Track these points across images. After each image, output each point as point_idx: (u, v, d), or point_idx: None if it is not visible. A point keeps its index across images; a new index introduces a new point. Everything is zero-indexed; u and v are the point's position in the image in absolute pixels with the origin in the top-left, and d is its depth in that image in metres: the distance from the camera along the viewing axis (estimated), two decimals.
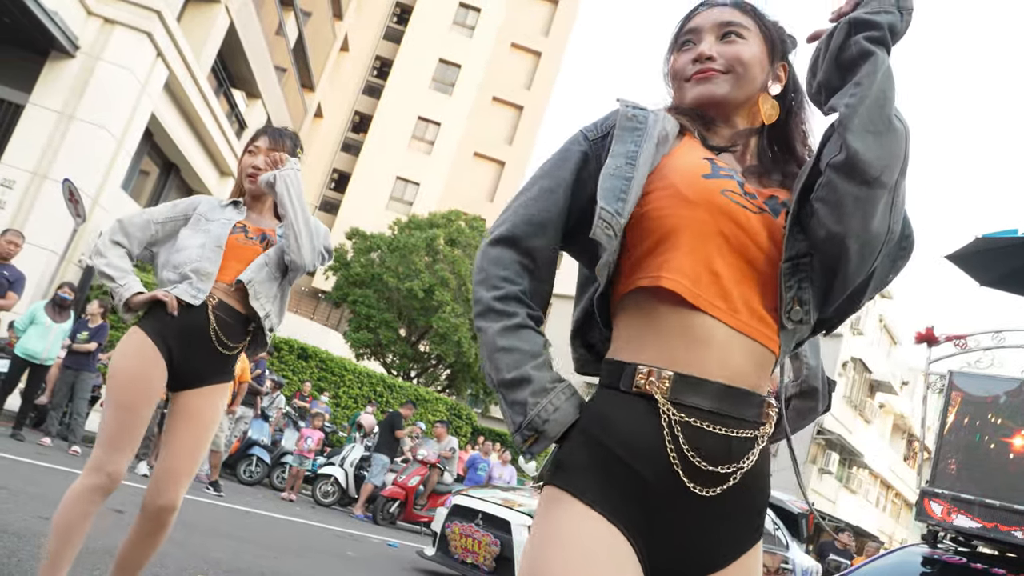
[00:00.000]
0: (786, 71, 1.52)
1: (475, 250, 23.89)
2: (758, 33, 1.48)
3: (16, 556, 3.84)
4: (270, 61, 22.61)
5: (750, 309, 1.31)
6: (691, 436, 1.26)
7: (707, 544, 1.29)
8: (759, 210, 1.34)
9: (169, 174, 19.79)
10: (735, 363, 1.30)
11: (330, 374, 17.98)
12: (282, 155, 2.95)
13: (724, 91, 1.44)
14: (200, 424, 2.85)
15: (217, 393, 2.91)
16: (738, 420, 1.29)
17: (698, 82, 1.45)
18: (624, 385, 1.30)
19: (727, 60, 1.44)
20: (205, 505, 8.32)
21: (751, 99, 1.47)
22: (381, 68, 43.75)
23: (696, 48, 1.47)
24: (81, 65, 14.09)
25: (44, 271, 13.49)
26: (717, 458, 1.27)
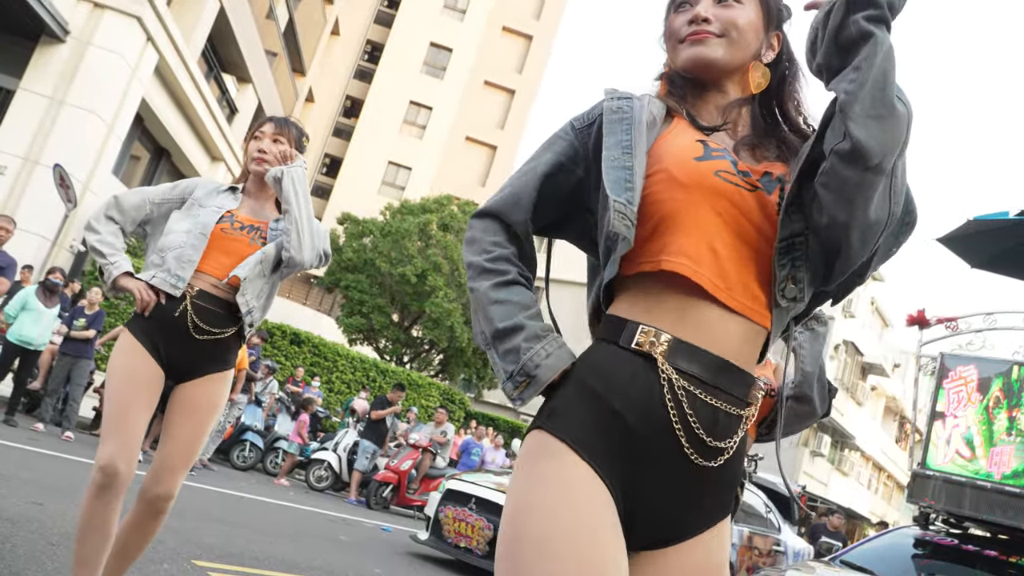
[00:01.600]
0: (780, 40, 1.50)
1: None
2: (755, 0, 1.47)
3: (10, 542, 3.84)
4: (260, 45, 22.47)
5: (745, 288, 1.33)
6: (690, 402, 1.28)
7: (684, 511, 1.31)
8: (752, 188, 1.35)
9: (160, 159, 19.70)
10: (729, 341, 1.32)
11: (323, 359, 17.97)
12: (291, 151, 2.94)
13: (717, 54, 1.43)
14: (197, 414, 2.85)
15: (215, 382, 2.89)
16: (728, 395, 1.31)
17: (691, 43, 1.44)
18: (624, 341, 1.31)
19: (722, 23, 1.43)
20: (198, 490, 8.33)
21: (743, 66, 1.46)
22: (372, 52, 43.55)
23: (692, 9, 1.46)
24: (71, 50, 14.00)
25: (35, 256, 13.42)
26: (712, 430, 1.29)
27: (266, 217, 3.03)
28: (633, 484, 1.27)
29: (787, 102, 1.51)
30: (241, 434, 12.19)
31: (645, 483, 1.28)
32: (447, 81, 40.68)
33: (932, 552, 5.94)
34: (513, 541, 1.24)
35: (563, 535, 1.20)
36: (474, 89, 41.83)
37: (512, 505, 1.27)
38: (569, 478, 1.24)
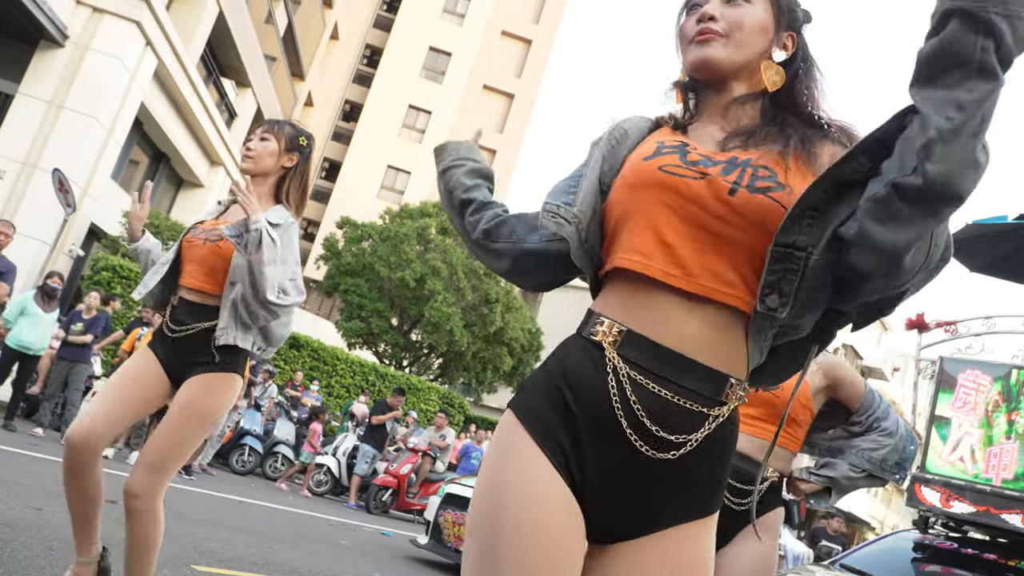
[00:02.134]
0: (794, 41, 1.50)
1: None
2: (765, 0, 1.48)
3: (10, 546, 3.84)
4: (260, 50, 22.48)
5: (709, 271, 1.32)
6: (634, 388, 1.30)
7: (632, 502, 1.31)
8: (700, 176, 1.35)
9: (159, 164, 19.71)
10: (689, 329, 1.32)
11: (322, 363, 17.96)
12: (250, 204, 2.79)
13: (720, 56, 1.44)
14: (173, 414, 2.83)
15: (195, 384, 2.86)
16: (682, 388, 1.30)
17: (698, 44, 1.45)
18: (585, 332, 1.38)
19: (728, 22, 1.44)
20: (197, 495, 8.32)
21: (750, 64, 1.46)
22: (371, 56, 43.56)
23: (701, 9, 1.47)
24: (70, 54, 14.01)
25: (34, 261, 13.43)
26: (662, 420, 1.29)
27: (240, 217, 3.03)
28: (579, 466, 1.31)
29: (798, 101, 1.50)
30: (240, 438, 12.18)
31: (589, 465, 1.31)
32: (446, 85, 40.68)
33: (931, 556, 5.94)
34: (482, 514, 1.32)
35: (503, 504, 1.29)
36: (473, 93, 41.85)
37: (480, 477, 1.37)
38: (522, 454, 1.31)
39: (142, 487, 2.74)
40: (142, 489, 2.74)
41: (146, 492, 2.75)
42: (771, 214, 1.31)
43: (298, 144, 3.09)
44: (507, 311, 23.18)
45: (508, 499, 1.28)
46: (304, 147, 3.12)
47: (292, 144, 3.07)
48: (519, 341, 23.75)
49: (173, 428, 2.80)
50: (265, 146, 3.03)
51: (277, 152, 3.05)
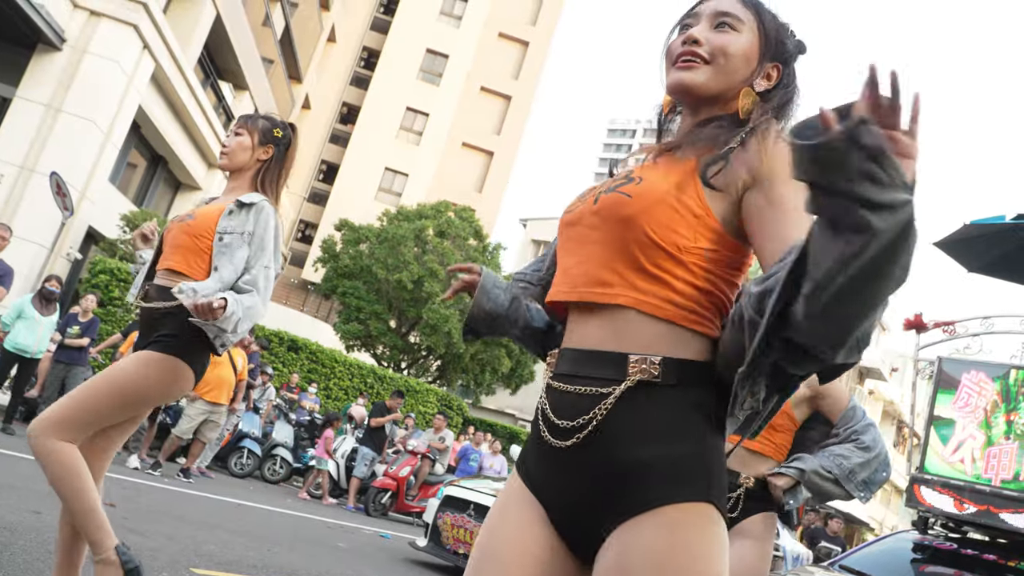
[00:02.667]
0: (779, 72, 1.51)
1: (464, 241, 23.85)
2: (754, 29, 1.49)
3: (8, 550, 3.83)
4: (257, 53, 22.49)
5: (585, 277, 1.42)
6: (552, 397, 1.42)
7: (565, 498, 1.38)
8: (582, 201, 1.50)
9: (157, 167, 19.71)
10: (588, 330, 1.41)
11: (320, 366, 17.95)
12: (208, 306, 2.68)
13: (698, 80, 1.45)
14: (108, 370, 2.76)
15: (133, 357, 2.78)
16: (586, 378, 1.38)
17: (678, 68, 1.47)
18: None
19: (712, 48, 1.46)
20: (196, 497, 8.31)
21: (729, 92, 1.48)
22: (368, 59, 43.57)
23: (688, 31, 1.49)
24: (68, 58, 14.02)
25: (32, 265, 13.42)
26: (566, 412, 1.38)
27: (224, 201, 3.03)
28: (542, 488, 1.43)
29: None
30: (239, 441, 12.16)
31: (544, 484, 1.43)
32: (443, 87, 40.70)
33: (931, 556, 5.94)
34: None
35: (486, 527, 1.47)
36: (470, 95, 41.86)
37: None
38: (510, 489, 1.49)
39: (32, 426, 2.64)
40: (31, 427, 2.63)
41: (34, 429, 2.62)
42: (616, 204, 1.40)
43: (273, 136, 3.09)
44: None
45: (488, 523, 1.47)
46: (280, 138, 3.11)
47: (266, 137, 3.08)
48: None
49: (89, 386, 2.71)
50: (239, 141, 3.05)
51: (251, 146, 3.05)
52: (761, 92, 1.49)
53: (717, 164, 1.38)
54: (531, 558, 1.38)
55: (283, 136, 3.11)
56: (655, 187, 1.39)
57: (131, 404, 2.76)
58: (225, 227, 2.90)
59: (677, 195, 1.37)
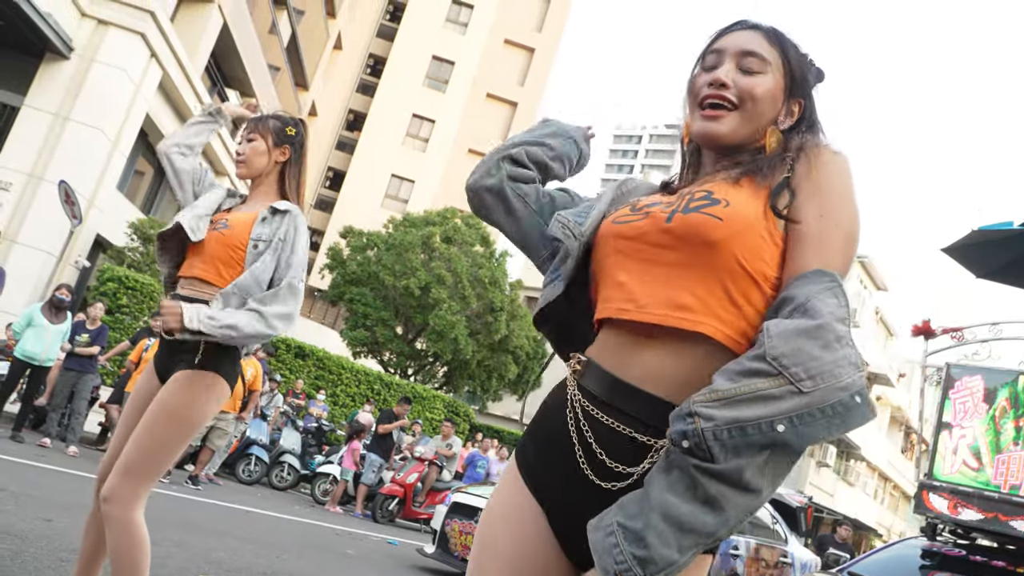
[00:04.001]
0: (801, 107, 1.50)
1: (471, 247, 23.86)
2: (779, 67, 1.47)
3: (20, 557, 3.85)
4: (264, 60, 22.57)
5: (662, 301, 1.34)
6: (596, 429, 1.35)
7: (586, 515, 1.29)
8: (644, 216, 1.42)
9: (164, 175, 19.71)
10: (641, 359, 1.34)
11: (327, 372, 17.98)
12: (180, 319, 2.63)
13: (726, 130, 1.45)
14: (151, 412, 2.67)
15: (178, 382, 2.70)
16: (632, 418, 1.31)
17: (705, 119, 1.46)
18: (568, 368, 1.47)
19: (740, 91, 1.44)
20: (205, 505, 8.33)
21: (755, 133, 1.47)
22: (375, 66, 43.71)
23: (714, 72, 1.47)
24: (75, 67, 14.08)
25: (41, 273, 13.47)
26: (610, 449, 1.32)
27: (249, 208, 2.96)
28: (548, 492, 1.40)
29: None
30: (246, 448, 12.19)
31: (552, 491, 1.40)
32: (449, 94, 40.80)
33: (940, 563, 5.93)
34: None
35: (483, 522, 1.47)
36: (476, 102, 41.96)
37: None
38: (505, 476, 1.49)
39: (115, 491, 2.57)
40: (114, 493, 2.57)
41: (115, 496, 2.57)
42: (706, 227, 1.32)
43: (287, 136, 3.01)
44: (512, 319, 23.20)
45: (484, 517, 1.48)
46: (294, 136, 3.03)
47: (280, 138, 2.99)
48: (524, 349, 23.76)
49: (146, 429, 2.64)
50: (254, 147, 2.96)
51: (267, 150, 2.96)
52: (785, 130, 1.48)
53: (782, 195, 1.36)
54: (527, 550, 1.40)
55: (296, 134, 3.03)
56: (746, 212, 1.33)
57: (192, 432, 2.74)
58: (259, 234, 2.83)
59: (765, 223, 1.34)
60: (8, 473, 6.63)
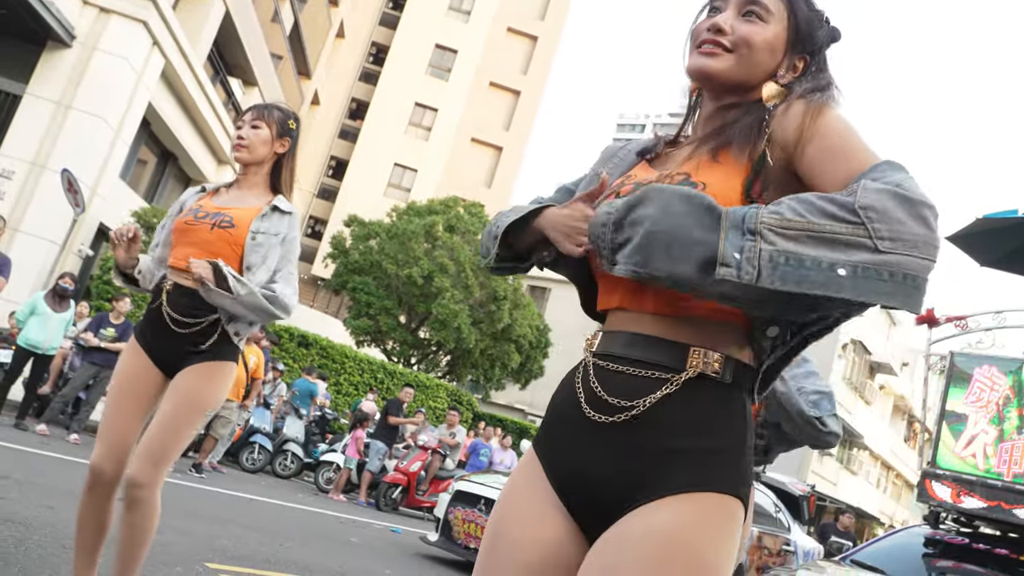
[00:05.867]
0: (806, 63, 1.48)
1: (474, 236, 23.81)
2: (783, 19, 1.45)
3: (24, 544, 3.86)
4: (266, 49, 22.52)
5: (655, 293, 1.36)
6: (600, 375, 1.38)
7: (594, 469, 1.34)
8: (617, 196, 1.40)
9: (167, 163, 19.77)
10: (655, 320, 1.36)
11: (331, 361, 18.00)
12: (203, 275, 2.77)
13: (719, 67, 1.43)
14: (171, 402, 2.78)
15: (196, 374, 2.81)
16: (642, 363, 1.34)
17: (700, 54, 1.45)
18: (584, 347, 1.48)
19: (736, 37, 1.43)
20: (209, 493, 8.36)
21: (751, 82, 1.45)
22: (377, 54, 43.61)
23: (716, 16, 1.46)
24: (78, 55, 14.05)
25: (44, 261, 13.49)
26: (617, 390, 1.34)
27: (245, 203, 2.97)
28: (556, 454, 1.41)
29: None
30: (250, 436, 12.21)
31: (559, 448, 1.40)
32: (452, 83, 40.70)
33: (943, 551, 5.93)
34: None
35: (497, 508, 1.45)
36: (479, 90, 41.86)
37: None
38: (524, 462, 1.47)
39: (146, 477, 2.69)
40: (146, 479, 2.69)
41: (150, 482, 2.70)
42: None
43: (288, 129, 3.03)
44: (515, 308, 23.19)
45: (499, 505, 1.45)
46: (294, 130, 3.06)
47: (283, 129, 3.01)
48: (527, 338, 23.76)
49: (172, 419, 2.76)
50: (257, 134, 2.96)
51: (270, 139, 2.98)
52: (785, 84, 1.45)
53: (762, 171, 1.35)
54: (544, 539, 1.37)
55: (295, 128, 3.07)
56: (722, 196, 1.30)
57: (204, 417, 2.89)
58: (258, 228, 2.89)
59: (744, 200, 1.33)
60: (12, 461, 6.65)
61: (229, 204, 2.97)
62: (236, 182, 3.07)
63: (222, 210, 2.92)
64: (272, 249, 2.90)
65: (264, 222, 2.91)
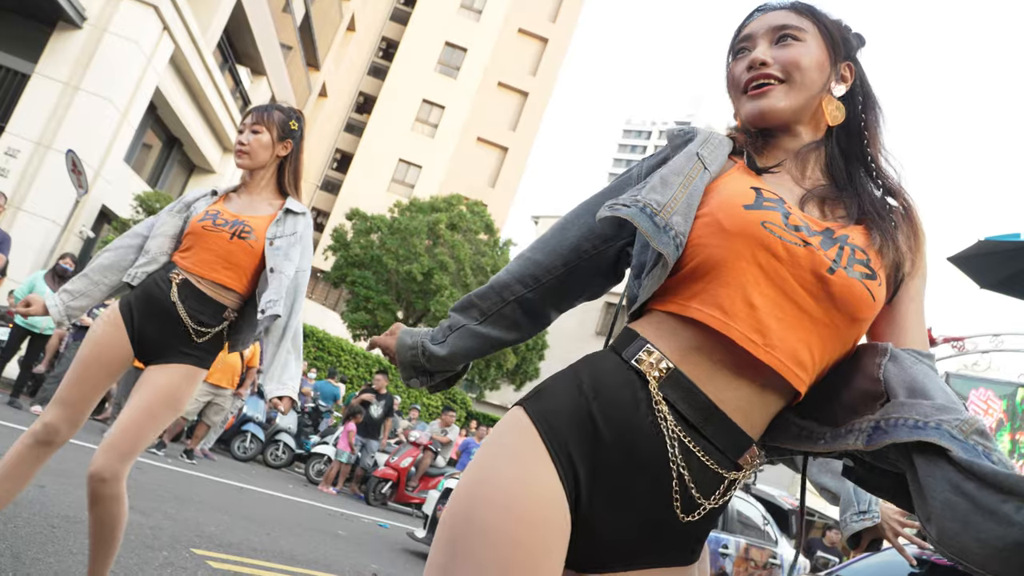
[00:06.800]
0: (852, 71, 1.42)
1: (475, 235, 23.87)
2: (816, 34, 1.39)
3: (13, 523, 3.86)
4: (276, 38, 22.53)
5: (788, 347, 1.22)
6: (680, 444, 1.21)
7: (629, 540, 1.22)
8: (803, 243, 1.23)
9: (172, 149, 19.77)
10: (735, 388, 1.23)
11: (327, 354, 18.01)
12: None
13: (782, 104, 1.36)
14: (150, 398, 2.74)
15: (180, 374, 2.80)
16: (707, 442, 1.21)
17: (752, 97, 1.38)
18: (627, 355, 1.26)
19: (783, 65, 1.37)
20: (198, 479, 8.35)
21: (812, 105, 1.38)
22: (387, 49, 43.62)
23: (750, 55, 1.40)
24: (87, 36, 14.05)
25: (44, 241, 13.48)
26: (696, 481, 1.21)
27: (257, 212, 2.97)
28: (588, 490, 1.20)
29: (860, 140, 1.42)
30: (242, 425, 12.22)
31: (597, 495, 1.20)
32: (461, 81, 40.71)
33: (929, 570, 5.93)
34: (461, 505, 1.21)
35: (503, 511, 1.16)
36: (487, 90, 41.86)
37: (469, 471, 1.24)
38: (527, 458, 1.20)
39: (111, 472, 2.63)
40: (111, 473, 2.63)
41: (115, 476, 2.64)
42: (862, 303, 1.23)
43: (290, 130, 3.01)
44: None
45: (501, 493, 1.18)
46: (296, 131, 3.03)
47: (284, 131, 2.99)
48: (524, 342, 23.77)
49: (146, 415, 2.71)
50: (258, 139, 2.95)
51: (271, 143, 2.97)
52: (841, 97, 1.41)
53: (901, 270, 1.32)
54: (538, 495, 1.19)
55: (298, 128, 3.05)
56: (882, 291, 1.26)
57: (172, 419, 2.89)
58: (275, 233, 2.90)
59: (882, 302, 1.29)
60: (4, 438, 6.65)
61: (244, 212, 2.96)
62: (244, 185, 3.06)
63: (239, 218, 2.91)
64: (292, 247, 2.92)
65: (279, 227, 2.93)
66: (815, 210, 1.33)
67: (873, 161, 1.42)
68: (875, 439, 1.15)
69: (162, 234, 2.97)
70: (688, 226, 1.26)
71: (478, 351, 1.55)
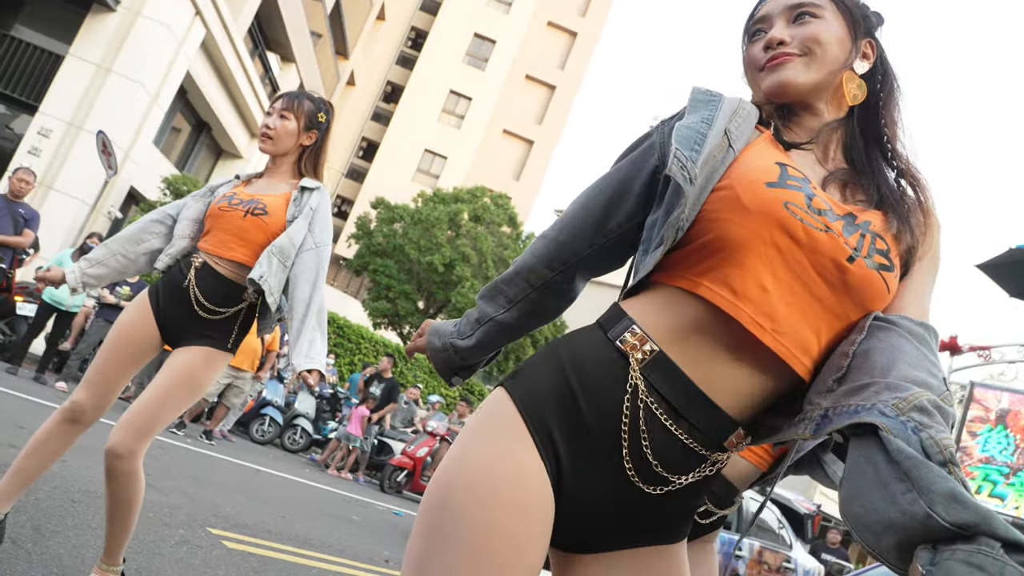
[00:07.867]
0: (873, 48, 1.39)
1: (498, 227, 23.85)
2: (835, 10, 1.36)
3: (33, 496, 3.91)
4: (306, 26, 22.61)
5: (796, 334, 1.20)
6: (649, 421, 1.19)
7: (607, 519, 1.22)
8: (825, 228, 1.19)
9: (200, 132, 19.91)
10: (729, 374, 1.20)
11: (347, 340, 18.09)
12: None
13: (801, 77, 1.32)
14: (169, 377, 2.76)
15: (200, 355, 2.81)
16: (689, 424, 1.19)
17: (771, 70, 1.34)
18: (612, 334, 1.23)
19: (801, 41, 1.33)
20: (217, 460, 8.43)
21: (833, 81, 1.34)
22: (416, 39, 43.66)
23: (767, 35, 1.37)
24: (121, 19, 14.18)
25: (74, 220, 13.64)
26: (664, 457, 1.19)
27: (275, 191, 2.99)
28: (570, 469, 1.19)
29: (879, 122, 1.39)
30: (261, 408, 12.31)
31: (575, 473, 1.19)
32: (488, 72, 40.69)
33: None
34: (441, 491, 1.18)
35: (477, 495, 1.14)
36: (515, 82, 41.81)
37: (447, 456, 1.22)
38: (506, 439, 1.18)
39: (127, 448, 2.65)
40: (127, 450, 2.66)
41: (131, 453, 2.67)
42: (878, 295, 1.21)
43: (317, 122, 3.02)
44: None
45: (477, 475, 1.15)
46: (323, 123, 3.04)
47: (311, 122, 3.00)
48: (542, 332, 23.75)
49: (166, 394, 2.73)
50: (284, 126, 2.96)
51: (297, 131, 2.97)
52: (862, 75, 1.37)
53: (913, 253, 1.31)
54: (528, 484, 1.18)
55: (325, 120, 3.06)
56: (896, 281, 1.25)
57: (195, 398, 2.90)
58: (293, 213, 2.92)
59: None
60: (30, 413, 6.74)
61: (261, 192, 2.99)
62: (267, 170, 3.09)
63: (255, 197, 2.95)
64: (307, 221, 2.93)
65: (295, 206, 2.94)
66: (836, 192, 1.30)
67: (889, 142, 1.39)
68: (821, 428, 1.13)
69: (186, 218, 3.02)
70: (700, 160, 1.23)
71: (510, 338, 1.54)
